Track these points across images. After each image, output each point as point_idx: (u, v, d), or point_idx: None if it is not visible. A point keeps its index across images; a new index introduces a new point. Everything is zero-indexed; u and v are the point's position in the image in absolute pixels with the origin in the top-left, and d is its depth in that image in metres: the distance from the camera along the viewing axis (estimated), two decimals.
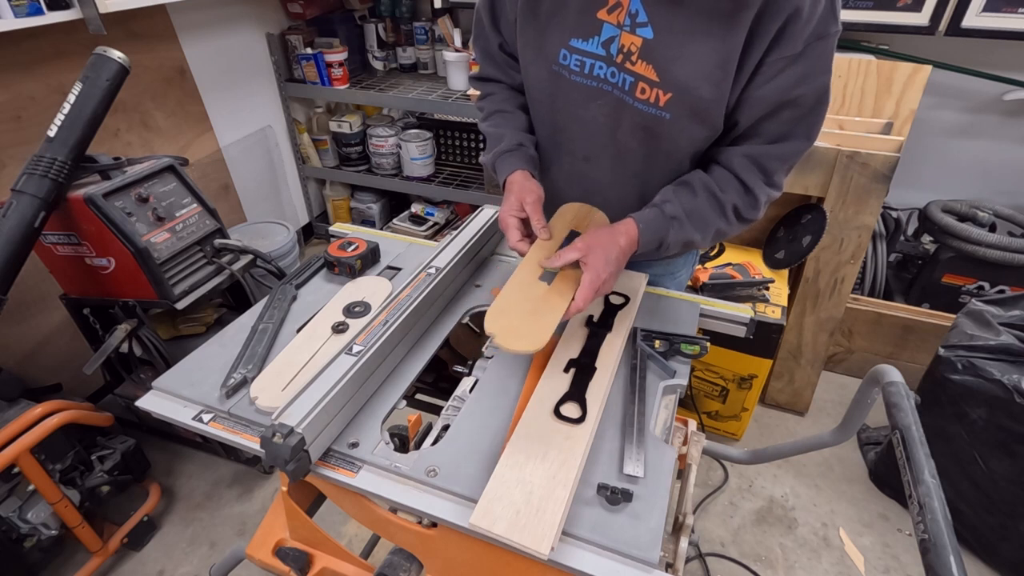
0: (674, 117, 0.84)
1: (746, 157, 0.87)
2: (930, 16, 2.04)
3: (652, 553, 0.66)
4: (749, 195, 0.88)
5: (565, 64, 0.89)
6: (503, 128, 1.01)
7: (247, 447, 0.81)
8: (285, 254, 2.49)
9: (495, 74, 1.06)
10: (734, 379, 1.91)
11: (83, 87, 1.39)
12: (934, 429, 1.50)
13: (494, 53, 1.04)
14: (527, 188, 0.93)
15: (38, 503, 1.48)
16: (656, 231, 0.88)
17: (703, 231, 0.90)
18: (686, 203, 0.88)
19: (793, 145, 0.85)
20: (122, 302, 1.61)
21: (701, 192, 0.89)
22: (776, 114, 0.82)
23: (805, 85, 0.79)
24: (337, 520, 1.79)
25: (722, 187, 0.88)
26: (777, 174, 0.87)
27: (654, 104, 0.84)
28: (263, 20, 2.66)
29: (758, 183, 0.87)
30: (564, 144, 1.00)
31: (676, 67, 0.80)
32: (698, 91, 0.81)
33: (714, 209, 0.89)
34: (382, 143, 2.88)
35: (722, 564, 1.69)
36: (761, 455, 1.30)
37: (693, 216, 0.88)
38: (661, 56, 0.80)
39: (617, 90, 0.87)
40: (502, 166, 0.98)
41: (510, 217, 0.91)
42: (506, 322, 0.81)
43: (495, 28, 1.01)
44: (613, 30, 0.83)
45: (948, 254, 2.19)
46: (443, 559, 0.85)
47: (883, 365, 0.94)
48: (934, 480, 0.74)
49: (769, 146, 0.85)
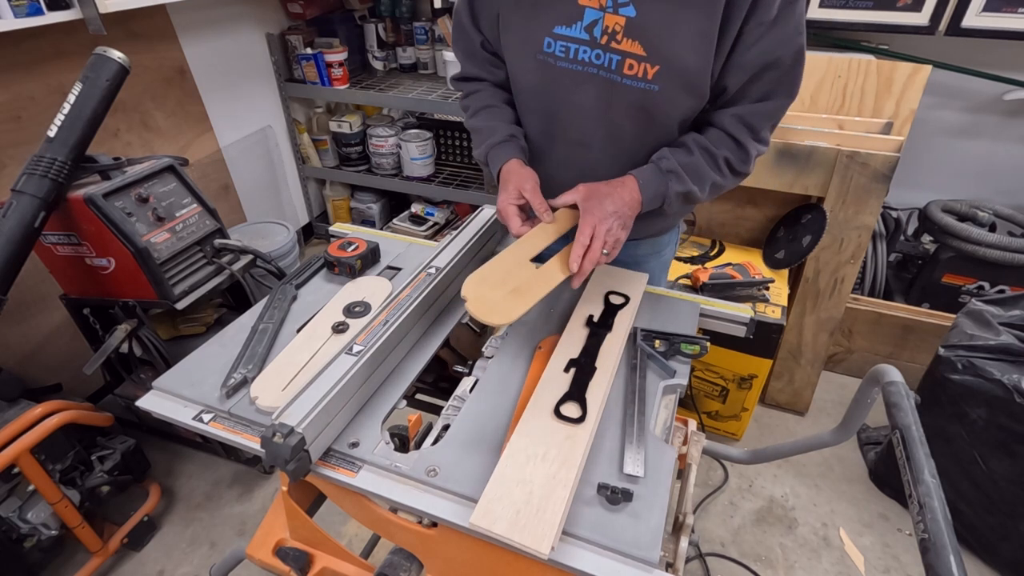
0: (663, 88, 0.88)
1: (735, 116, 0.93)
2: (930, 16, 2.05)
3: (652, 553, 0.66)
4: (740, 150, 0.94)
5: (551, 52, 0.92)
6: (492, 122, 1.03)
7: (247, 447, 0.81)
8: (285, 254, 2.49)
9: (478, 73, 1.08)
10: (734, 379, 1.91)
11: (83, 87, 1.39)
12: (934, 429, 1.50)
13: (476, 52, 1.06)
14: (524, 175, 0.95)
15: (38, 503, 1.48)
16: (656, 185, 0.92)
17: (700, 184, 0.94)
18: (682, 159, 0.93)
19: (777, 102, 0.91)
20: (122, 302, 1.61)
21: (695, 148, 0.94)
22: (760, 76, 0.88)
23: (783, 47, 0.85)
24: (337, 520, 1.79)
25: (715, 143, 0.94)
26: (764, 130, 0.94)
27: (643, 78, 0.88)
28: (263, 20, 2.66)
29: (747, 139, 0.93)
30: (557, 132, 1.02)
31: (662, 40, 0.85)
32: (684, 61, 0.85)
33: (709, 163, 0.94)
34: (382, 143, 2.88)
35: (722, 564, 1.69)
36: (761, 455, 1.30)
37: (689, 169, 0.93)
38: (646, 31, 0.85)
39: (604, 71, 0.90)
40: (495, 157, 1.01)
41: (510, 205, 0.93)
42: (484, 292, 0.83)
43: (475, 27, 1.03)
44: (596, 13, 0.87)
45: (948, 254, 2.19)
46: (443, 559, 0.85)
47: (883, 365, 0.94)
48: (934, 480, 0.74)
49: (755, 105, 0.91)
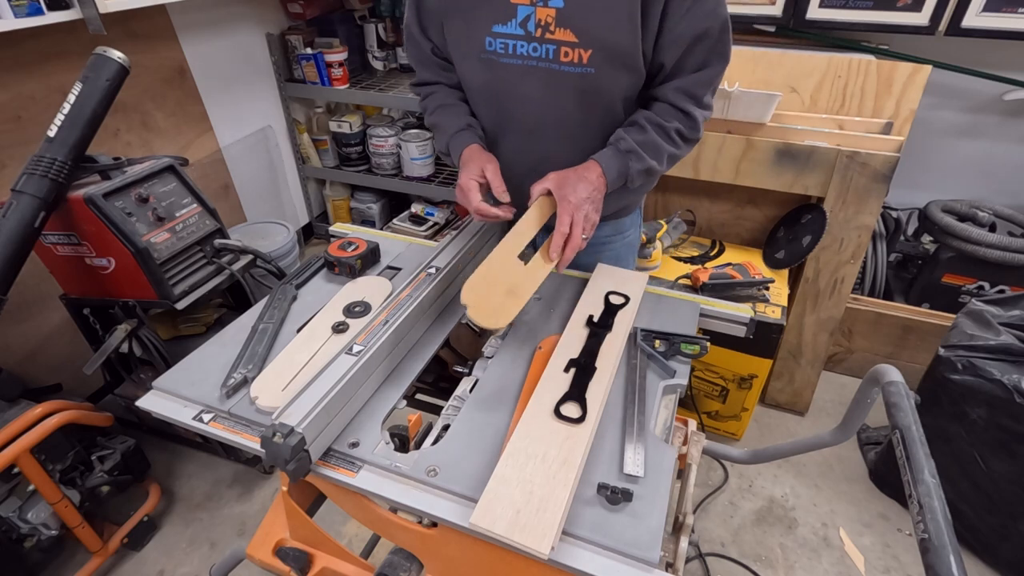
0: (599, 70, 0.96)
1: (677, 89, 1.00)
2: (930, 16, 2.05)
3: (652, 553, 0.66)
4: (689, 118, 1.01)
5: (492, 50, 0.99)
6: (450, 117, 1.12)
7: (247, 447, 0.81)
8: (285, 254, 2.49)
9: (432, 77, 1.16)
10: (734, 379, 1.91)
11: (83, 87, 1.39)
12: (934, 429, 1.50)
13: (427, 59, 1.13)
14: (487, 157, 1.03)
15: (38, 503, 1.48)
16: (618, 166, 1.00)
17: (658, 158, 1.02)
18: (636, 137, 1.00)
19: (713, 70, 0.98)
20: (122, 302, 1.61)
21: (648, 125, 1.01)
22: (693, 49, 0.95)
23: (709, 19, 0.92)
24: (337, 520, 1.79)
25: (664, 117, 1.01)
26: (705, 96, 1.02)
27: (579, 63, 0.96)
28: (263, 20, 2.66)
29: (693, 107, 1.01)
30: (508, 123, 1.10)
31: (591, 26, 0.92)
32: (614, 41, 0.93)
33: (662, 137, 1.01)
34: (382, 143, 2.88)
35: (722, 564, 1.69)
36: (761, 455, 1.30)
37: (646, 146, 1.00)
38: (575, 18, 0.92)
39: (543, 62, 0.97)
40: (456, 144, 1.09)
41: (471, 180, 0.99)
42: (481, 296, 0.88)
43: (425, 35, 1.10)
44: (528, 9, 0.94)
45: (948, 254, 2.19)
46: (443, 559, 0.85)
47: (883, 365, 0.94)
48: (934, 480, 0.73)
49: (694, 75, 0.98)
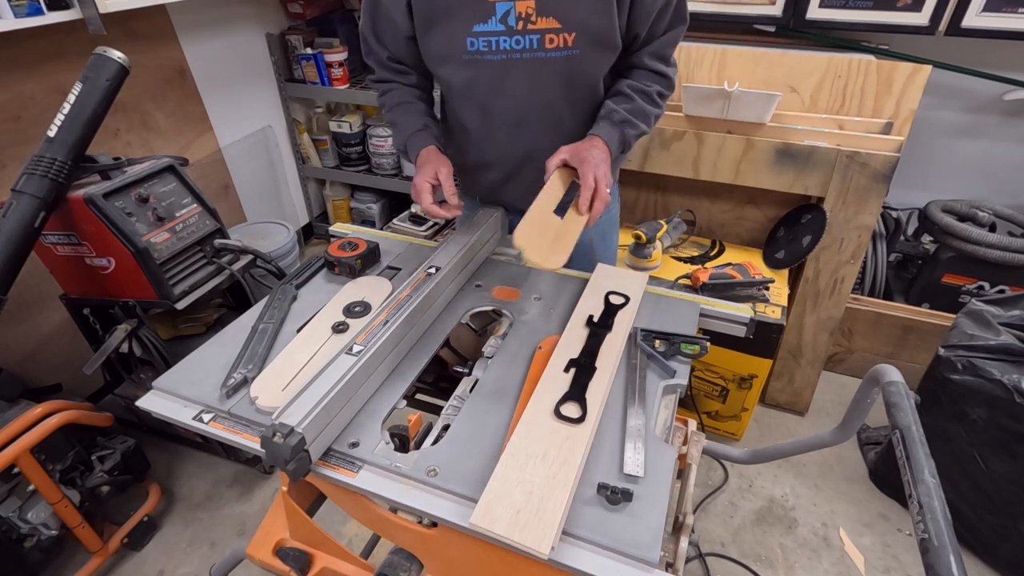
0: (583, 51, 1.02)
1: (650, 54, 1.10)
2: (930, 16, 2.04)
3: (652, 553, 0.66)
4: (664, 79, 1.12)
5: (475, 50, 1.02)
6: (408, 116, 1.16)
7: (247, 447, 0.81)
8: (285, 254, 2.49)
9: (390, 77, 1.20)
10: (734, 379, 1.91)
11: (83, 87, 1.39)
12: (934, 429, 1.50)
13: (385, 63, 1.18)
14: (442, 160, 1.09)
15: (38, 503, 1.48)
16: (617, 137, 1.07)
17: (647, 121, 1.11)
18: (625, 106, 1.08)
19: (677, 31, 1.10)
20: (122, 302, 1.61)
21: (632, 93, 1.09)
22: (661, 16, 1.05)
23: None
24: (337, 520, 1.79)
25: (644, 82, 1.11)
26: (671, 55, 1.13)
27: (564, 47, 1.02)
28: (263, 20, 2.66)
29: (665, 68, 1.12)
30: (495, 119, 1.14)
31: (571, 10, 0.98)
32: (594, 22, 1.00)
33: (647, 101, 1.10)
34: (382, 143, 2.88)
35: (722, 564, 1.69)
36: (761, 455, 1.30)
37: (636, 113, 1.08)
38: (556, 5, 0.98)
39: (528, 52, 1.02)
40: (413, 143, 1.14)
41: (426, 183, 1.05)
42: (533, 241, 0.92)
43: (380, 44, 1.15)
44: (507, 4, 0.98)
45: (948, 254, 2.19)
46: (443, 559, 0.85)
47: (883, 365, 0.94)
48: (934, 480, 0.73)
49: (662, 38, 1.09)
